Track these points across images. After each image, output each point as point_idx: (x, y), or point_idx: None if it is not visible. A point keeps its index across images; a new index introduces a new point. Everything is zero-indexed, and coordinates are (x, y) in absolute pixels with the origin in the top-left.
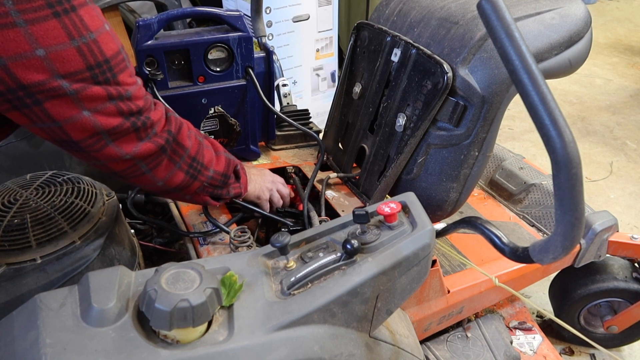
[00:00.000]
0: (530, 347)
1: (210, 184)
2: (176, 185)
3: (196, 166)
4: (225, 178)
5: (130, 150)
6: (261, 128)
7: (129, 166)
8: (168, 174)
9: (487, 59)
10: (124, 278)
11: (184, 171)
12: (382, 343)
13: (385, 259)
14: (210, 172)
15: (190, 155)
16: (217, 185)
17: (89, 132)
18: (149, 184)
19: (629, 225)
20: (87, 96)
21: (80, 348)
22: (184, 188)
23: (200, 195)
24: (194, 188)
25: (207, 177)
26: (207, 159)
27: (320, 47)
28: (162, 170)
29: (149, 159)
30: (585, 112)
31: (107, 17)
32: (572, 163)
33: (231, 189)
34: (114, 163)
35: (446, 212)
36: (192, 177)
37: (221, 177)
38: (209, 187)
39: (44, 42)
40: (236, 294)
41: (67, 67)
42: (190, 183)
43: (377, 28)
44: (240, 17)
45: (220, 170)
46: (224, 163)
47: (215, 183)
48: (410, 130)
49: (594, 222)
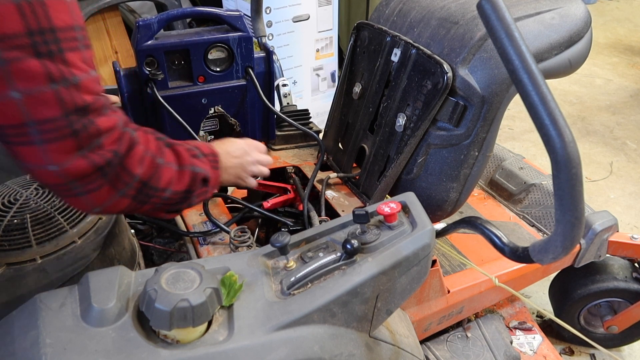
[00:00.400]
0: (530, 347)
1: (165, 203)
2: (119, 211)
3: (147, 191)
4: (187, 193)
5: (58, 161)
6: (261, 128)
7: (59, 183)
8: (108, 201)
9: (487, 59)
10: (124, 278)
11: (130, 197)
12: (382, 343)
13: (385, 259)
14: (166, 193)
15: (141, 181)
16: (174, 203)
17: (15, 119)
18: (83, 208)
19: (629, 225)
20: (21, 70)
21: (80, 348)
22: (132, 211)
23: (151, 213)
24: (144, 210)
25: (161, 198)
26: (165, 181)
27: (320, 47)
28: (101, 196)
29: (84, 181)
30: (585, 112)
31: (107, 17)
32: (572, 163)
33: (194, 198)
34: (40, 171)
35: (446, 212)
36: (141, 202)
37: (181, 194)
38: (164, 206)
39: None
40: (236, 294)
41: (2, 27)
42: (138, 207)
43: (377, 28)
44: (240, 17)
45: (180, 190)
46: (187, 180)
47: (171, 202)
48: (410, 130)
49: (594, 222)
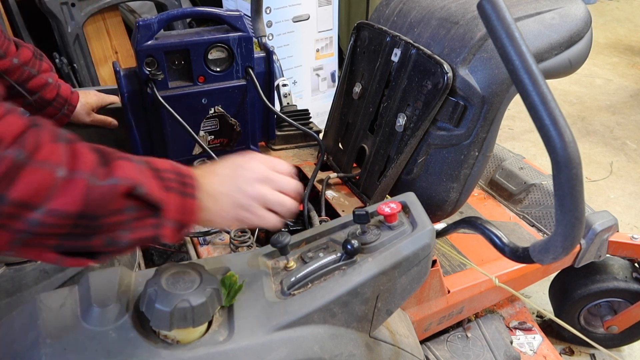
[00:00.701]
0: (530, 347)
1: (39, 234)
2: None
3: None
4: (91, 220)
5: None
6: (261, 128)
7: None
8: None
9: (487, 59)
10: (124, 278)
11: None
12: (382, 343)
13: (385, 259)
14: (36, 213)
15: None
16: (67, 234)
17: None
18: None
19: (629, 225)
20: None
21: (80, 348)
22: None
23: (31, 250)
24: (2, 239)
25: (26, 221)
26: (24, 189)
27: (320, 47)
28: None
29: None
30: (585, 112)
31: (107, 17)
32: (572, 163)
33: (126, 231)
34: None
35: (446, 212)
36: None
37: (72, 222)
38: (41, 237)
39: None
40: (236, 294)
41: None
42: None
43: (377, 28)
44: (240, 17)
45: (67, 211)
46: (79, 194)
47: (55, 231)
48: (410, 130)
49: (594, 222)
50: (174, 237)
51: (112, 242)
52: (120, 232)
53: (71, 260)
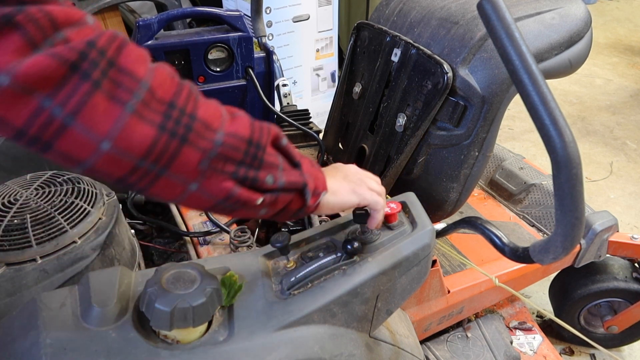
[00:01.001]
0: (530, 347)
1: (222, 155)
2: (144, 153)
3: (179, 116)
4: (258, 149)
5: (4, 65)
6: None
7: (28, 110)
8: (116, 122)
9: (487, 59)
10: (124, 278)
11: (149, 121)
12: (382, 343)
13: (385, 259)
14: (217, 134)
15: (161, 99)
16: (241, 161)
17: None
18: (86, 145)
19: (629, 225)
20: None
21: (81, 348)
22: (170, 162)
23: (214, 177)
24: (193, 161)
25: (210, 141)
26: (205, 113)
27: (320, 47)
28: (98, 112)
29: (55, 88)
30: (585, 112)
31: (107, 17)
32: (572, 163)
33: (280, 175)
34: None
35: (446, 212)
36: (173, 134)
37: (246, 146)
38: (223, 159)
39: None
40: (236, 294)
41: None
42: (177, 149)
43: (377, 28)
44: (240, 17)
45: (241, 133)
46: (247, 125)
47: (234, 155)
48: (410, 130)
49: (594, 222)
50: (314, 199)
51: (273, 180)
52: (277, 172)
53: (245, 191)
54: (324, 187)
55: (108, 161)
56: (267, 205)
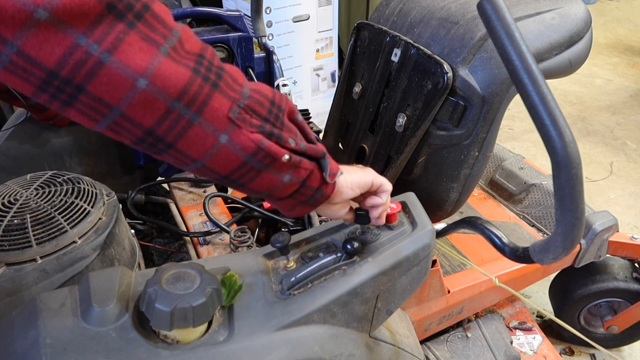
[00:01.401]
0: (530, 347)
1: (249, 107)
2: (181, 89)
3: (209, 65)
4: (279, 111)
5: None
6: None
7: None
8: (152, 61)
9: (487, 59)
10: (124, 278)
11: (183, 64)
12: (382, 343)
13: (385, 259)
14: (243, 88)
15: (187, 48)
16: (266, 118)
17: None
18: (120, 85)
19: (629, 226)
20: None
21: (81, 348)
22: (204, 106)
23: (242, 129)
24: (224, 107)
25: (238, 92)
26: (231, 69)
27: (320, 47)
28: (134, 50)
29: (94, 28)
30: (585, 112)
31: None
32: (572, 163)
33: (300, 141)
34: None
35: (446, 212)
36: (206, 78)
37: (269, 105)
38: (250, 112)
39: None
40: (236, 294)
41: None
42: (210, 91)
43: (377, 28)
44: (240, 17)
45: (264, 92)
46: (268, 88)
47: (259, 110)
48: (410, 130)
49: (594, 222)
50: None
51: (295, 142)
52: (297, 137)
53: (273, 144)
54: (337, 167)
55: (143, 101)
56: (292, 168)
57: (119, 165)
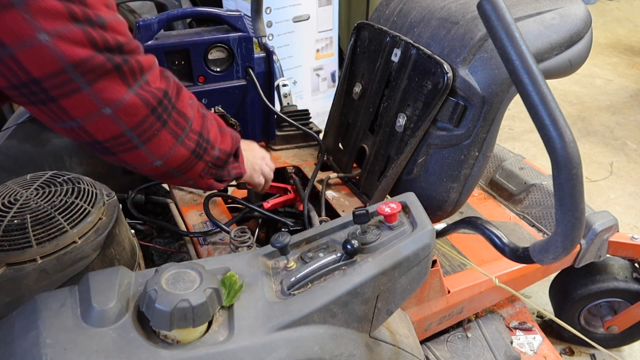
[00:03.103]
0: (530, 347)
1: (214, 164)
2: (178, 166)
3: (202, 144)
4: (228, 157)
5: (110, 101)
6: (261, 128)
7: (113, 133)
8: (169, 151)
9: (488, 59)
10: (124, 278)
11: (189, 149)
12: (382, 343)
13: (385, 259)
14: (216, 151)
15: (195, 130)
16: (220, 166)
17: (52, 66)
18: (143, 163)
19: (629, 226)
20: (42, 10)
21: (81, 348)
22: (187, 170)
23: (204, 178)
24: (199, 170)
25: (212, 157)
26: (213, 136)
27: (320, 47)
28: (161, 144)
29: (141, 127)
30: (585, 112)
31: None
32: (572, 163)
33: (231, 169)
34: (92, 121)
35: (446, 212)
36: (198, 156)
37: (225, 157)
38: (213, 167)
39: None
40: (236, 294)
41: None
42: (195, 164)
43: (377, 28)
44: (240, 17)
45: (226, 149)
46: (229, 141)
47: (219, 163)
48: (410, 131)
49: (594, 223)
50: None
51: (229, 173)
52: (231, 167)
53: (219, 184)
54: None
55: (153, 171)
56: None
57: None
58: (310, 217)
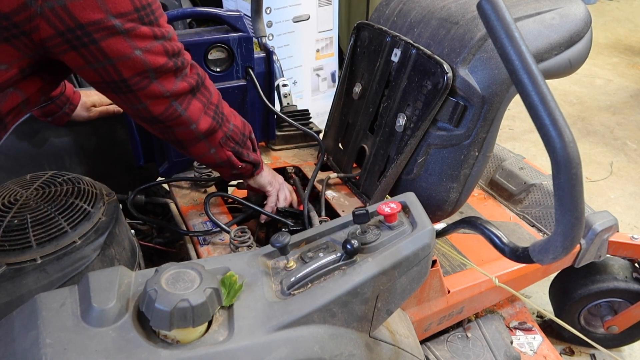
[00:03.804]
0: (530, 347)
1: (231, 137)
2: (205, 130)
3: (219, 114)
4: (244, 137)
5: (170, 88)
6: (261, 128)
7: (166, 107)
8: (200, 116)
9: (487, 59)
10: (124, 278)
11: (211, 117)
12: (382, 343)
13: (385, 259)
14: (230, 124)
15: (214, 102)
16: (237, 141)
17: (138, 69)
18: (184, 126)
19: (629, 226)
20: (138, 35)
21: (81, 348)
22: (211, 134)
23: (224, 149)
24: (219, 137)
25: (228, 128)
26: (227, 111)
27: (320, 47)
28: (195, 111)
29: (182, 98)
30: (585, 112)
31: None
32: (572, 163)
33: (250, 152)
34: (154, 102)
35: (446, 212)
36: (218, 123)
37: (240, 134)
38: (231, 140)
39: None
40: (236, 294)
41: (118, 8)
42: (216, 129)
43: (377, 28)
44: (240, 17)
45: (239, 125)
46: (240, 121)
47: (235, 137)
48: (410, 131)
49: (594, 222)
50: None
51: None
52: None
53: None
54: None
55: (189, 135)
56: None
57: (119, 166)
58: (310, 217)
